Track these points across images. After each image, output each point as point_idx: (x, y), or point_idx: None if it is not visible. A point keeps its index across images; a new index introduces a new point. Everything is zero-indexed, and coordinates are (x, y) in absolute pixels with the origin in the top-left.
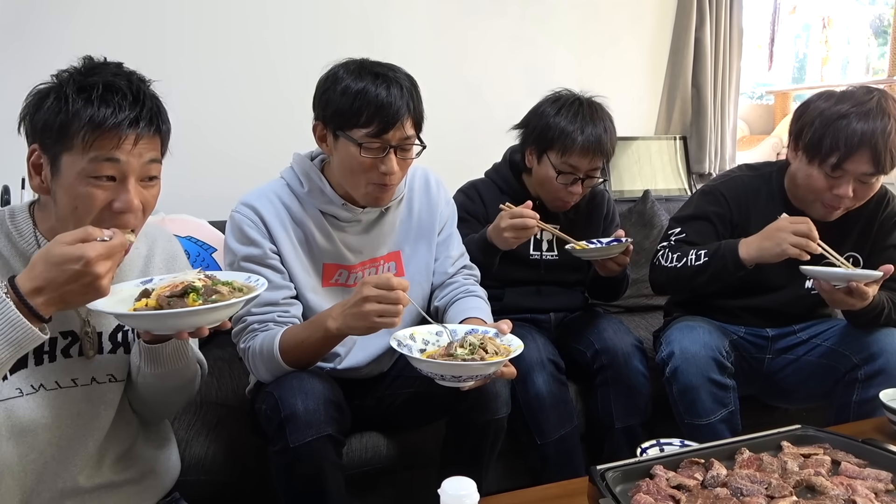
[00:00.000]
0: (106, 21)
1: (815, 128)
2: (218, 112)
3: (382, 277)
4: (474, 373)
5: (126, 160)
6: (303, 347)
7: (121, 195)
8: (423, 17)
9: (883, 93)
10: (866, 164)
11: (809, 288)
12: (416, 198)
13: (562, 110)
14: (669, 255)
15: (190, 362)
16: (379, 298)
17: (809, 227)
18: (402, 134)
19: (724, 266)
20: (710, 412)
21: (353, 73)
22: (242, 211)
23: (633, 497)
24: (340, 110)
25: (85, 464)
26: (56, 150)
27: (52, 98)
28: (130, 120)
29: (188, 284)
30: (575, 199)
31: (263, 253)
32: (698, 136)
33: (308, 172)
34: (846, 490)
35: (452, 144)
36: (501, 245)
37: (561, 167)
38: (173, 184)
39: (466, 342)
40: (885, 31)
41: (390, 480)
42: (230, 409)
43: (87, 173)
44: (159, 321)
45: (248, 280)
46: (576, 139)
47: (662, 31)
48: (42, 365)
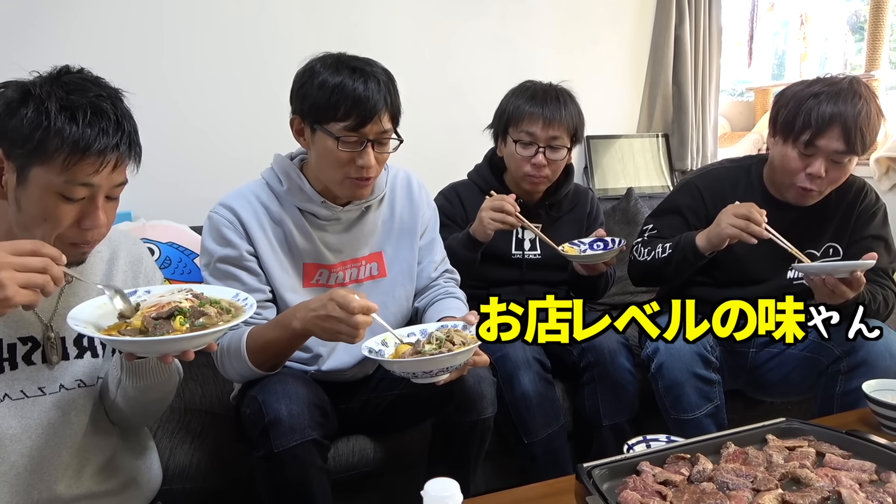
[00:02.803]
0: (89, 28)
1: (789, 108)
2: (199, 117)
3: (347, 299)
4: (442, 365)
5: (100, 184)
6: (269, 347)
7: (90, 214)
8: (404, 18)
9: (855, 77)
10: (837, 142)
11: (791, 278)
12: (397, 199)
13: (518, 93)
14: (642, 249)
15: (172, 374)
16: (340, 320)
17: (750, 211)
18: (379, 128)
19: (685, 256)
20: (696, 407)
21: (331, 66)
22: (220, 212)
23: (620, 494)
24: (317, 104)
25: (63, 474)
26: (27, 161)
27: (32, 110)
28: (112, 146)
29: (175, 306)
30: (543, 173)
31: (240, 255)
32: (680, 134)
33: (287, 170)
34: (831, 481)
35: (435, 145)
36: (479, 233)
37: (518, 136)
38: (154, 190)
39: (433, 338)
40: (861, 28)
41: (377, 484)
42: (214, 416)
43: (60, 191)
44: (144, 347)
45: (235, 298)
46: (526, 107)
47: (642, 30)
48: (3, 373)
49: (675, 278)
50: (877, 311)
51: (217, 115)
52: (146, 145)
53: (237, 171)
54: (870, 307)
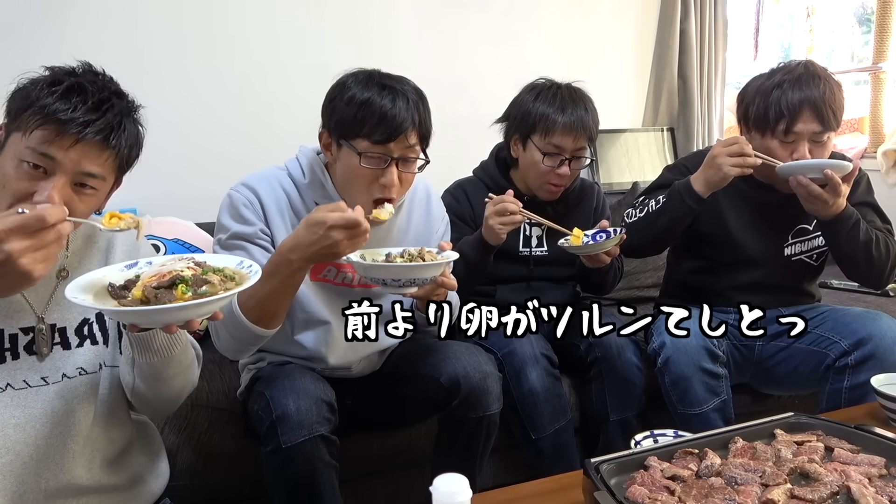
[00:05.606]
0: (94, 24)
1: (758, 104)
2: (205, 114)
3: (348, 218)
4: (410, 275)
5: (59, 160)
6: (269, 297)
7: (42, 188)
8: (408, 12)
9: (808, 60)
10: (813, 123)
11: (789, 255)
12: (415, 209)
13: (540, 95)
14: (632, 212)
15: (186, 348)
16: (350, 237)
17: (741, 145)
18: (404, 144)
19: (682, 200)
20: (703, 401)
21: (361, 82)
22: (241, 190)
23: (628, 489)
24: (344, 119)
25: (72, 463)
26: (10, 128)
27: (30, 87)
28: (79, 123)
29: (176, 275)
30: (564, 182)
31: (254, 232)
32: (685, 128)
33: (312, 164)
34: (840, 476)
35: (440, 140)
36: (491, 238)
37: (546, 149)
38: (160, 186)
39: (406, 253)
40: (868, 20)
41: (384, 479)
42: (221, 412)
43: (21, 156)
44: (145, 316)
45: (240, 266)
46: (557, 119)
47: (647, 23)
48: (5, 363)
49: (667, 232)
50: (867, 232)
51: (222, 111)
52: (151, 141)
53: (242, 168)
54: (868, 234)
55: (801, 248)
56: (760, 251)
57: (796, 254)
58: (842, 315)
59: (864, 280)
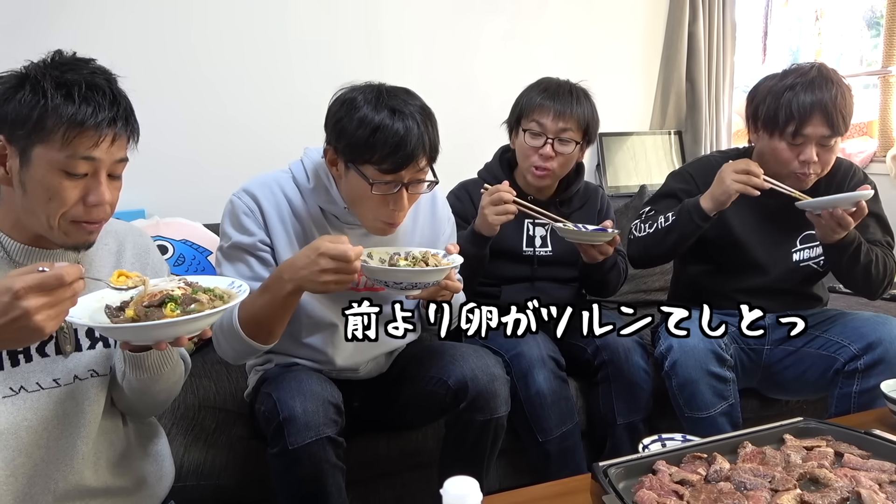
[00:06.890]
0: (100, 23)
1: (768, 104)
2: (212, 114)
3: (340, 250)
4: (412, 279)
5: (101, 158)
6: (261, 314)
7: (94, 189)
8: (417, 14)
9: (821, 63)
10: (822, 127)
11: (798, 261)
12: (421, 212)
13: (534, 87)
14: (641, 226)
15: (176, 366)
16: (336, 270)
17: (748, 165)
18: (415, 170)
19: (690, 219)
20: (710, 405)
21: (370, 103)
22: (242, 198)
23: (637, 493)
24: (355, 144)
25: (81, 465)
26: (28, 142)
27: (28, 91)
28: (109, 120)
29: (166, 294)
30: (550, 166)
31: (253, 243)
32: (693, 131)
33: (317, 169)
34: (850, 482)
35: (448, 143)
36: (485, 229)
37: (528, 127)
38: (168, 187)
39: (410, 256)
40: (877, 23)
41: (391, 481)
42: (228, 412)
43: (63, 167)
44: (135, 333)
45: (230, 286)
46: (538, 100)
47: (656, 26)
48: (19, 366)
49: (675, 248)
50: (867, 253)
51: (230, 112)
52: (159, 143)
53: (251, 169)
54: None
55: (809, 254)
56: (768, 256)
57: (804, 259)
58: (851, 319)
59: (859, 292)
